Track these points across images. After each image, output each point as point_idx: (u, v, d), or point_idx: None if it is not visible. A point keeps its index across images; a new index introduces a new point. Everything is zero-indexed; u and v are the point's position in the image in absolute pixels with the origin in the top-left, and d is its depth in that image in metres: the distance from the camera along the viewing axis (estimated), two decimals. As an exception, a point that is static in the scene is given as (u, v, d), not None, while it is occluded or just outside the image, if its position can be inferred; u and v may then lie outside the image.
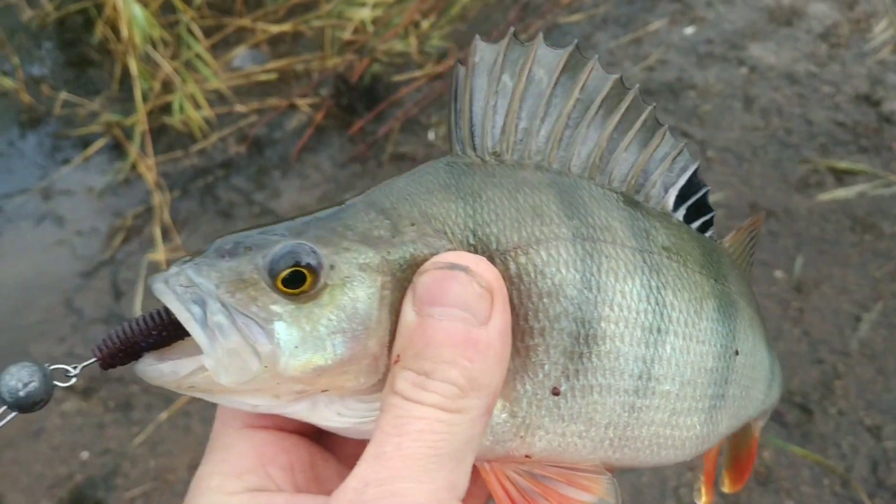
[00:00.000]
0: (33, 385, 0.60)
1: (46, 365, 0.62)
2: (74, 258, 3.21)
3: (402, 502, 0.53)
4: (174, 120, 3.59)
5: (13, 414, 0.61)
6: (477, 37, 0.69)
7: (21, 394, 0.60)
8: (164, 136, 3.62)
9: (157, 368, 0.60)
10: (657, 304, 0.69)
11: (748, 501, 2.29)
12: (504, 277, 0.62)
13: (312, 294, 0.60)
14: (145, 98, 3.63)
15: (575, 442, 0.67)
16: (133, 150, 3.51)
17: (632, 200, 0.72)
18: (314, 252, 0.60)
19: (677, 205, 0.76)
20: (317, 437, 0.69)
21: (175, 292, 0.59)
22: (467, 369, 0.57)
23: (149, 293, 3.00)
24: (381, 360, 0.61)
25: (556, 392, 0.65)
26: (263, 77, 3.82)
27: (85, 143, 3.65)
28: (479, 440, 0.59)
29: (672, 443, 0.73)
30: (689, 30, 3.83)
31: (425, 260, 0.61)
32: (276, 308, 0.59)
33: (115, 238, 3.24)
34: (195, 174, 3.45)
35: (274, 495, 0.60)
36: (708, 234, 0.80)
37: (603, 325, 0.66)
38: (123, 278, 3.09)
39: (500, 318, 0.59)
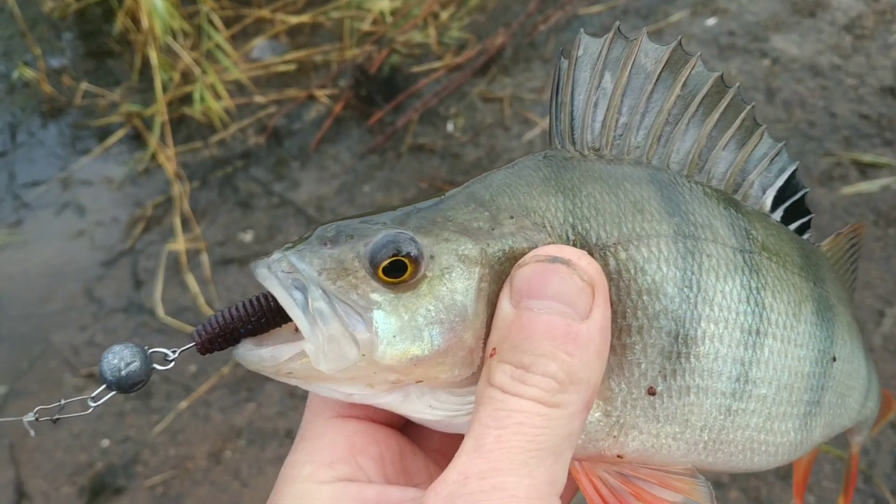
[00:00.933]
0: (134, 366, 0.61)
1: (146, 347, 0.63)
2: (95, 248, 3.23)
3: (504, 496, 0.52)
4: (194, 110, 3.60)
5: (111, 393, 0.62)
6: (581, 30, 0.69)
7: (122, 373, 0.61)
8: (183, 127, 3.63)
9: (258, 354, 0.60)
10: (756, 305, 0.68)
11: (769, 496, 2.27)
12: (604, 273, 0.61)
13: (412, 284, 0.60)
14: (165, 89, 3.64)
15: (669, 444, 0.66)
16: (153, 140, 3.52)
17: (731, 199, 0.71)
18: (415, 242, 0.60)
19: (775, 206, 0.75)
20: (404, 429, 0.68)
21: (277, 278, 0.59)
22: (566, 363, 0.56)
23: (169, 283, 3.03)
24: (476, 352, 0.61)
25: (651, 392, 0.64)
26: (282, 68, 3.82)
27: (105, 133, 3.67)
28: (577, 436, 0.58)
29: (766, 448, 0.72)
30: (711, 21, 3.79)
31: (524, 253, 0.61)
32: (375, 297, 0.59)
33: (135, 228, 3.26)
34: (214, 165, 3.46)
35: (365, 486, 0.61)
36: (805, 236, 0.78)
37: (703, 324, 0.65)
38: (143, 268, 3.10)
39: (601, 313, 0.58)
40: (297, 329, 0.61)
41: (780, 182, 0.74)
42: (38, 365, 2.85)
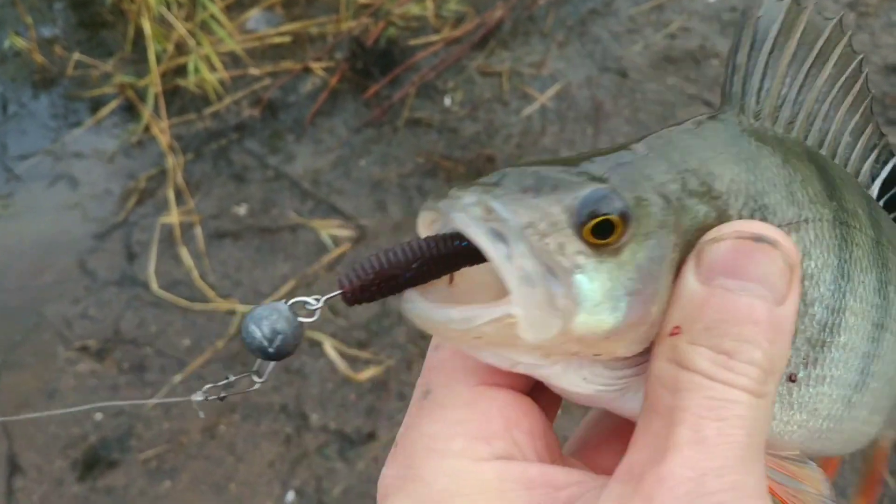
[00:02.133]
0: (282, 336, 0.54)
1: (284, 302, 0.56)
2: (88, 220, 3.19)
3: (742, 496, 0.49)
4: (188, 82, 3.55)
5: (273, 363, 0.56)
6: None
7: (273, 348, 0.54)
8: (177, 99, 3.58)
9: (446, 313, 0.51)
10: (884, 299, 0.66)
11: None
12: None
13: (616, 248, 0.53)
14: (159, 60, 3.59)
15: (794, 431, 0.64)
16: (146, 112, 3.47)
17: (863, 188, 0.70)
18: (624, 200, 0.54)
19: (881, 196, 0.73)
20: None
21: (476, 224, 0.51)
22: (769, 351, 0.52)
23: (163, 256, 3.00)
24: (655, 328, 0.55)
25: (792, 379, 0.62)
26: (278, 40, 3.77)
27: (98, 104, 3.62)
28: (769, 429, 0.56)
29: (859, 439, 0.71)
30: (713, -4, 3.75)
31: (712, 224, 0.56)
32: (580, 259, 0.52)
33: (128, 200, 3.22)
34: (209, 137, 3.42)
35: (528, 465, 0.55)
36: None
37: (847, 315, 0.63)
38: (137, 240, 3.07)
39: (796, 298, 0.54)
40: (451, 281, 0.55)
41: (885, 173, 0.72)
42: (31, 337, 2.83)
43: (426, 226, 0.55)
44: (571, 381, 0.57)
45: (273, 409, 2.56)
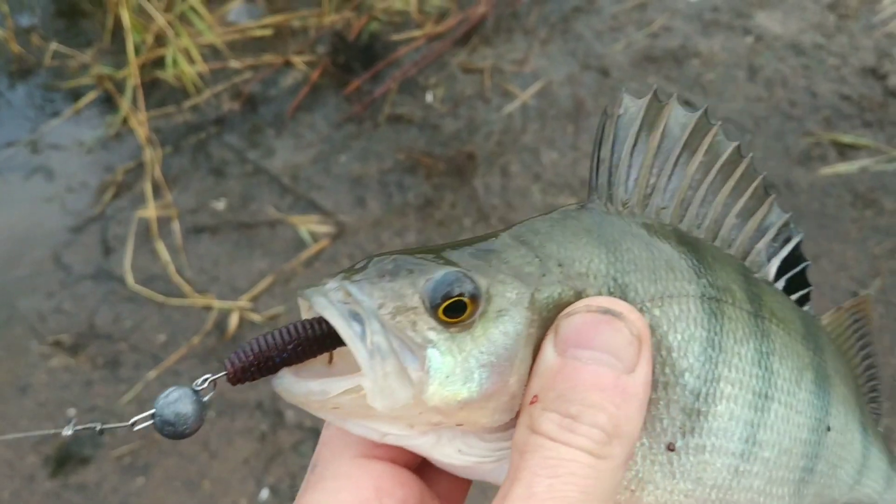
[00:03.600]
0: (189, 418, 0.60)
1: (191, 389, 0.61)
2: (64, 213, 3.15)
3: None
4: (167, 74, 3.51)
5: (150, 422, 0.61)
6: (624, 89, 0.71)
7: (179, 429, 0.60)
8: (156, 91, 3.54)
9: (306, 386, 0.58)
10: (766, 369, 0.70)
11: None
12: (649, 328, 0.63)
13: (468, 324, 0.59)
14: (138, 51, 3.55)
15: (681, 500, 0.66)
16: (124, 104, 3.44)
17: (743, 266, 0.74)
18: (475, 283, 0.59)
19: (778, 276, 0.77)
20: (417, 472, 0.68)
21: (335, 307, 0.57)
22: (614, 416, 0.56)
23: (139, 250, 2.97)
24: (517, 399, 0.60)
25: (671, 448, 0.65)
26: (259, 33, 3.74)
27: (75, 95, 3.58)
28: (617, 490, 0.58)
29: None
30: (695, -4, 3.75)
31: (570, 302, 0.61)
32: (432, 335, 0.58)
33: (105, 194, 3.19)
34: (188, 130, 3.39)
35: None
36: (805, 308, 0.80)
37: (722, 385, 0.66)
38: (113, 234, 3.04)
39: (646, 367, 0.59)
40: (330, 361, 0.61)
41: (784, 252, 0.76)
42: (3, 331, 2.79)
43: (306, 310, 0.61)
44: (446, 452, 0.62)
45: (248, 406, 2.55)
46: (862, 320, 0.92)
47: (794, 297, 0.79)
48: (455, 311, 0.58)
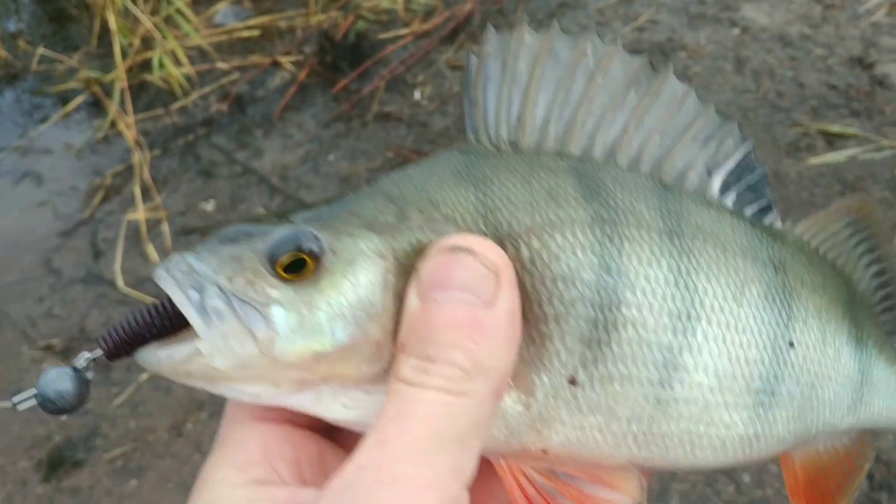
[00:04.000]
0: (69, 393, 0.63)
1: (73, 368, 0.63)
2: (53, 217, 3.15)
3: (404, 487, 0.51)
4: (154, 77, 3.51)
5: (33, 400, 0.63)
6: (489, 26, 0.68)
7: (60, 403, 0.63)
8: (144, 94, 3.54)
9: (155, 355, 0.59)
10: (686, 288, 0.66)
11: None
12: (516, 262, 0.61)
13: (313, 279, 0.59)
14: (125, 54, 3.55)
15: (595, 437, 0.64)
16: (112, 107, 3.43)
17: (663, 183, 0.69)
18: (316, 237, 0.59)
19: (726, 188, 0.72)
20: (328, 433, 0.67)
21: (175, 279, 0.58)
22: (472, 351, 0.55)
23: (129, 253, 2.97)
24: (385, 348, 0.60)
25: (572, 381, 0.62)
26: (246, 34, 3.74)
27: (64, 99, 3.57)
28: (486, 426, 0.57)
29: (709, 442, 0.68)
30: (682, -11, 3.76)
31: None
32: (274, 293, 0.58)
33: (94, 197, 3.18)
34: (176, 132, 3.38)
35: (277, 488, 0.59)
36: (769, 220, 0.75)
37: (623, 310, 0.63)
38: (103, 238, 3.04)
39: (508, 299, 0.57)
40: None
41: (729, 164, 0.72)
42: (-6, 337, 2.79)
43: None
44: (331, 408, 0.61)
45: (240, 406, 2.55)
46: (861, 224, 0.83)
47: (752, 208, 0.74)
48: (295, 267, 0.58)
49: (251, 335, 0.57)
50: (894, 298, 0.86)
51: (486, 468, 0.64)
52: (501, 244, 0.61)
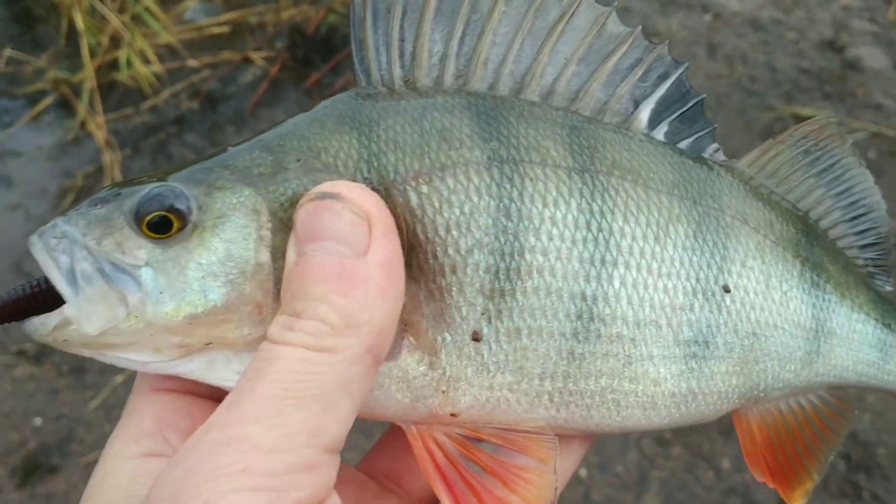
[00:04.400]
0: None
1: None
2: (25, 220, 3.10)
3: (244, 447, 0.47)
4: (123, 76, 3.47)
5: None
6: None
7: None
8: (114, 93, 3.49)
9: (31, 323, 0.58)
10: (600, 230, 0.60)
11: (712, 450, 2.29)
12: (405, 210, 0.57)
13: (181, 237, 0.56)
14: (94, 54, 3.50)
15: (506, 396, 0.59)
16: (82, 107, 3.38)
17: (578, 117, 0.63)
18: (182, 195, 0.56)
19: (659, 119, 0.66)
20: None
21: (46, 244, 0.57)
22: (339, 305, 0.51)
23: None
24: (268, 308, 0.56)
25: (476, 338, 0.58)
26: (216, 30, 3.69)
27: (32, 101, 3.52)
28: (360, 383, 0.52)
29: (636, 400, 0.63)
30: (654, -24, 3.75)
31: None
32: (142, 253, 0.56)
33: (65, 199, 3.14)
34: (147, 132, 3.34)
35: (164, 461, 0.56)
36: (709, 152, 0.69)
37: (528, 257, 0.58)
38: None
39: (382, 248, 0.53)
40: None
41: (659, 92, 0.66)
42: (-34, 343, 2.75)
43: None
44: (224, 375, 0.59)
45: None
46: (822, 150, 0.73)
47: (690, 139, 0.67)
48: (161, 227, 0.56)
49: (122, 298, 0.55)
50: (874, 231, 0.76)
51: (404, 442, 0.61)
52: (388, 191, 0.57)
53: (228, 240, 0.56)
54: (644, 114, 0.66)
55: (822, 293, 0.72)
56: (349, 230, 0.53)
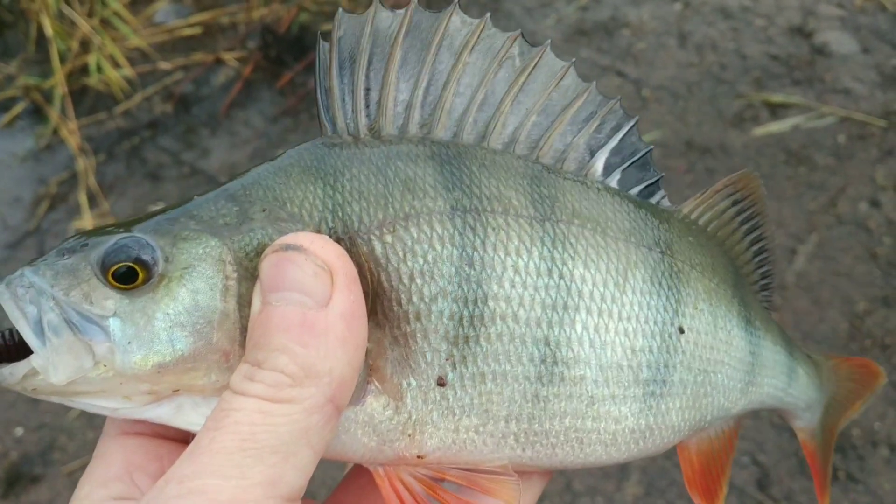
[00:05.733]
0: None
1: None
2: (1, 229, 3.08)
3: (202, 499, 0.48)
4: (94, 81, 3.44)
5: None
6: (340, 9, 0.64)
7: None
8: (86, 98, 3.47)
9: (2, 373, 0.58)
10: (561, 277, 0.62)
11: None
12: (370, 259, 0.58)
13: (148, 288, 0.57)
14: (64, 59, 3.47)
15: (472, 438, 0.61)
16: (54, 114, 3.36)
17: (539, 166, 0.66)
18: (148, 245, 0.57)
19: (612, 168, 0.69)
20: None
21: (14, 294, 0.57)
22: (300, 355, 0.53)
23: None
24: (235, 355, 0.58)
25: (441, 383, 0.60)
26: (187, 32, 3.68)
27: (4, 108, 3.49)
28: (320, 433, 0.53)
29: (598, 437, 0.65)
30: (623, -34, 3.77)
31: None
32: (110, 304, 0.57)
33: (39, 207, 3.12)
34: (120, 136, 3.33)
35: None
36: (656, 198, 0.72)
37: (491, 304, 0.60)
38: (50, 248, 2.98)
39: (344, 298, 0.54)
40: None
41: (612, 143, 0.68)
42: (-56, 355, 2.73)
43: None
44: (192, 420, 0.59)
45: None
46: (746, 200, 0.81)
47: (641, 186, 0.70)
48: (128, 277, 0.57)
49: (89, 349, 0.56)
50: (771, 276, 0.84)
51: (370, 478, 0.63)
52: (352, 240, 0.58)
53: (195, 290, 0.57)
54: (599, 163, 0.68)
55: (753, 329, 0.78)
56: (311, 281, 0.54)
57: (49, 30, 3.44)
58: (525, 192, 0.64)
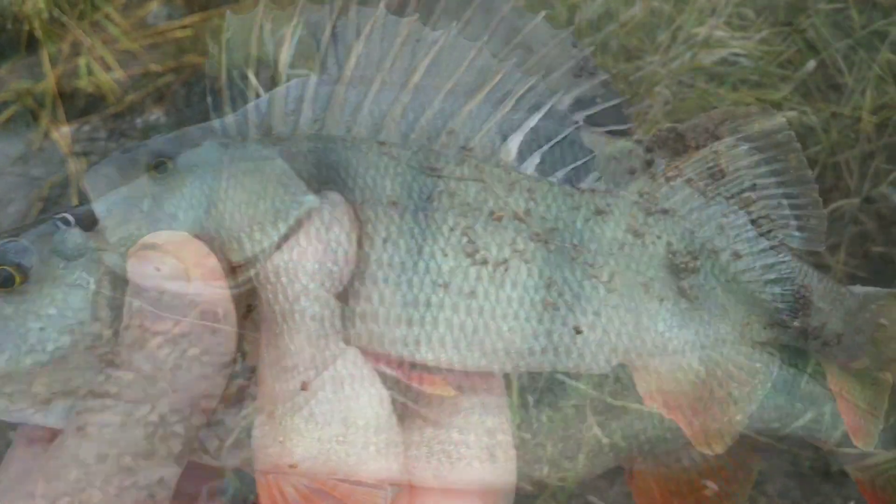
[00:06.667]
0: None
1: None
2: (-7, 233, 3.09)
3: None
4: (85, 83, 3.45)
5: None
6: (228, 11, 0.62)
7: None
8: (77, 101, 3.47)
9: None
10: (428, 272, 0.58)
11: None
12: (239, 260, 0.57)
13: (23, 290, 0.58)
14: (55, 62, 3.47)
15: (335, 448, 0.56)
16: (45, 117, 3.36)
17: (425, 154, 0.60)
18: (26, 249, 0.59)
19: (530, 151, 0.61)
20: None
21: None
22: (156, 358, 0.54)
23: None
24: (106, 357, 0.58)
25: (304, 387, 0.56)
26: (179, 33, 3.67)
27: (-4, 112, 3.50)
28: (179, 442, 0.53)
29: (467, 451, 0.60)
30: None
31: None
32: None
33: (32, 209, 3.12)
34: (112, 138, 3.33)
35: None
36: (589, 180, 0.62)
37: (351, 302, 0.57)
38: (43, 251, 2.99)
39: (206, 296, 0.55)
40: None
41: (529, 124, 0.62)
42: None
43: None
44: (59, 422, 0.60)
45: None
46: (722, 169, 0.66)
47: (566, 169, 0.61)
48: (7, 281, 0.58)
49: None
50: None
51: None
52: (221, 241, 0.57)
53: (67, 292, 0.58)
54: (513, 146, 0.62)
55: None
56: (169, 282, 0.54)
57: (39, 33, 3.44)
58: (403, 182, 0.60)
